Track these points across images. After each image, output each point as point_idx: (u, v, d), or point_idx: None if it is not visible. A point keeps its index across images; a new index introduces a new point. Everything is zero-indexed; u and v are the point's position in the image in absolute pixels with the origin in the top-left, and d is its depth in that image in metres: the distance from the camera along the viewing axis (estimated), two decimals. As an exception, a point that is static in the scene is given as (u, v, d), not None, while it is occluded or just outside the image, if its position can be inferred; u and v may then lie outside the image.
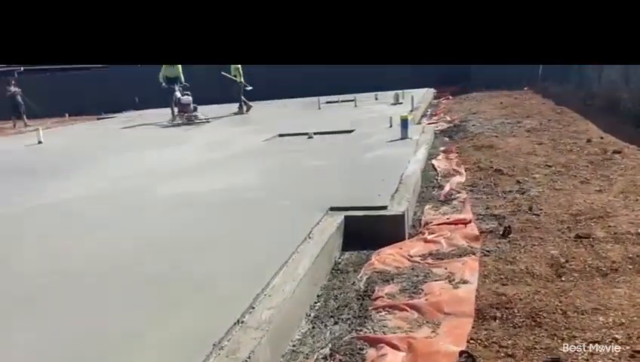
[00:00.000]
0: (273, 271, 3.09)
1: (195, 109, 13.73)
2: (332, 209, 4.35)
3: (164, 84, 14.22)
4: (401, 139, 7.74)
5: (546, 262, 3.37)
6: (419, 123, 10.81)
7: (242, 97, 14.83)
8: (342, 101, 15.96)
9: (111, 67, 27.69)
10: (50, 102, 22.86)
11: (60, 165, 8.12)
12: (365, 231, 4.14)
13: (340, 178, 5.54)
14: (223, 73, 14.72)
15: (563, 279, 3.11)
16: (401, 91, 14.56)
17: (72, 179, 6.82)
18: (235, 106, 15.12)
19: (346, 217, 4.19)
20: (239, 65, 14.67)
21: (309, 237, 3.71)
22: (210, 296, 2.86)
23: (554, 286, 3.03)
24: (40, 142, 10.94)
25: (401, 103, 13.26)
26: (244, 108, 14.90)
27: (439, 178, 5.89)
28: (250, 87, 15.87)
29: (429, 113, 13.01)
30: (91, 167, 7.66)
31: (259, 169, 6.43)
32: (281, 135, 9.63)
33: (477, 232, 3.98)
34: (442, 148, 7.70)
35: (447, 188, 5.39)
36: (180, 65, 14.50)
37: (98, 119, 19.53)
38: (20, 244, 4.21)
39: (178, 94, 14.10)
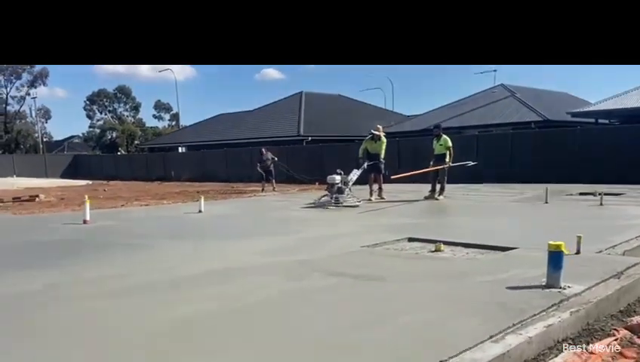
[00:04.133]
0: None
1: (340, 191, 11.35)
2: None
3: (361, 159, 12.51)
4: (543, 287, 3.95)
5: None
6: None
7: (445, 180, 11.86)
8: (599, 194, 11.32)
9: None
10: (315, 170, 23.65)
11: (142, 242, 7.02)
12: None
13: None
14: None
15: None
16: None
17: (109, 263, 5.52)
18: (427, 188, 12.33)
19: None
20: (450, 143, 11.84)
21: None
22: None
23: None
24: (200, 211, 10.43)
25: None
26: (438, 192, 11.89)
27: None
28: (473, 163, 12.92)
29: None
30: (150, 253, 6.30)
31: (241, 300, 3.90)
32: (410, 239, 6.59)
33: None
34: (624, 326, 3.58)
35: None
36: (384, 141, 12.61)
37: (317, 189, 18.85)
38: None
39: (355, 171, 12.10)
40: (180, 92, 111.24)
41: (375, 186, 12.56)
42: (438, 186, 11.95)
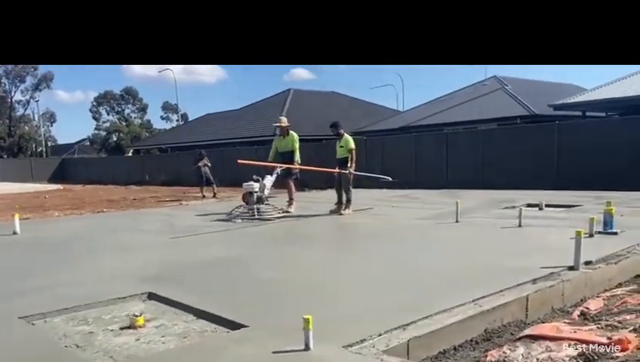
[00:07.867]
0: None
1: (260, 200, 9.07)
2: None
3: (272, 161, 10.17)
4: None
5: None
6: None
7: (350, 190, 9.37)
8: (545, 206, 8.89)
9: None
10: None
11: None
12: None
13: None
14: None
15: None
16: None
17: None
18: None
19: None
20: (352, 145, 9.34)
21: None
22: None
23: None
24: (15, 233, 8.18)
25: (615, 234, 5.81)
26: (344, 206, 9.41)
27: None
28: (393, 179, 10.58)
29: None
30: None
31: None
32: (151, 295, 4.27)
33: None
34: None
35: None
36: (296, 137, 10.09)
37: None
38: None
39: (268, 177, 9.81)
40: (213, 94, 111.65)
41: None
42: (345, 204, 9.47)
